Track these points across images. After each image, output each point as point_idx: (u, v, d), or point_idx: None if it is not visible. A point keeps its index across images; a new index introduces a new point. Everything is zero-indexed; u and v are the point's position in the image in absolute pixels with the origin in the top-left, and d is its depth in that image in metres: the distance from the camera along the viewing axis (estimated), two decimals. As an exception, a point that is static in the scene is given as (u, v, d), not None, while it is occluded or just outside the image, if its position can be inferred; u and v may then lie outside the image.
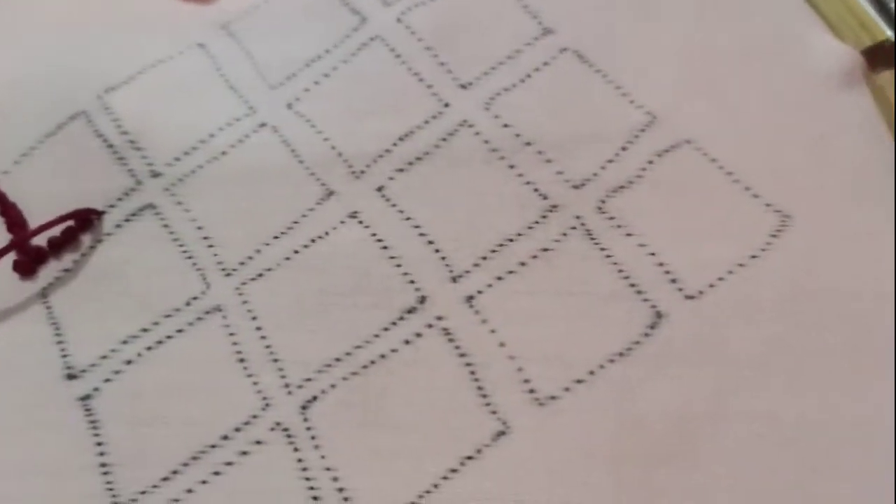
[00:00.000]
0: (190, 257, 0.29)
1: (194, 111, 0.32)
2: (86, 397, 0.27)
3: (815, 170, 0.28)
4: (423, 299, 0.27)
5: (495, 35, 0.32)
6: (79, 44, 0.34)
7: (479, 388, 0.25)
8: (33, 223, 0.30)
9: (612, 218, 0.27)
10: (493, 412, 0.25)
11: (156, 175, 0.30)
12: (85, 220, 0.30)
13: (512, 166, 0.29)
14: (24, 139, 0.32)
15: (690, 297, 0.26)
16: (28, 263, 0.29)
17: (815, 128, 0.28)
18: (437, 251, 0.28)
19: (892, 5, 0.31)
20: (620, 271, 0.27)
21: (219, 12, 0.34)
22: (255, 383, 0.26)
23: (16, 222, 0.30)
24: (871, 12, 0.30)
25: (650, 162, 0.28)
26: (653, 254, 0.27)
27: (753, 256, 0.26)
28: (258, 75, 0.32)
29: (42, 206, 0.30)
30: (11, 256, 0.29)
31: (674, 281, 0.26)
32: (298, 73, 0.32)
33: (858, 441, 0.23)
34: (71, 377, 0.27)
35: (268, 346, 0.27)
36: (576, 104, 0.30)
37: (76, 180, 0.31)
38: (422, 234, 0.28)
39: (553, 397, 0.25)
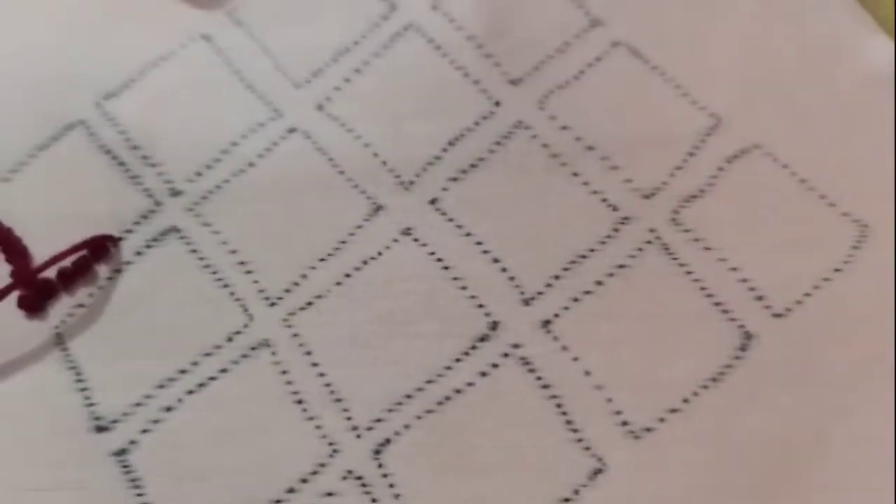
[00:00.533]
0: (225, 286, 0.26)
1: (210, 116, 0.28)
2: (121, 452, 0.24)
3: (886, 175, 0.27)
4: (495, 325, 0.25)
5: (541, 24, 0.29)
6: (67, 43, 0.30)
7: (568, 421, 0.24)
8: (32, 249, 0.26)
9: (687, 230, 0.26)
10: (587, 448, 0.23)
11: (175, 193, 0.27)
12: (100, 249, 0.26)
13: (576, 174, 0.27)
14: (12, 153, 0.28)
15: (779, 316, 0.25)
16: (35, 299, 0.26)
17: (881, 131, 0.28)
18: (503, 270, 0.26)
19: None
20: (703, 289, 0.25)
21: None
22: (317, 426, 0.24)
23: (15, 251, 0.26)
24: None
25: (720, 168, 0.27)
26: (734, 269, 0.25)
27: (837, 270, 0.25)
28: (278, 71, 0.29)
29: (40, 231, 0.27)
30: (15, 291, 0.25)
31: (760, 298, 0.25)
32: (325, 68, 0.29)
33: None
34: (100, 429, 0.24)
35: (327, 384, 0.24)
36: (635, 104, 0.28)
37: (79, 200, 0.27)
38: (485, 252, 0.26)
39: (648, 429, 0.23)
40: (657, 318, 0.25)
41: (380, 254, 0.26)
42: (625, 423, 0.24)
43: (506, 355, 0.25)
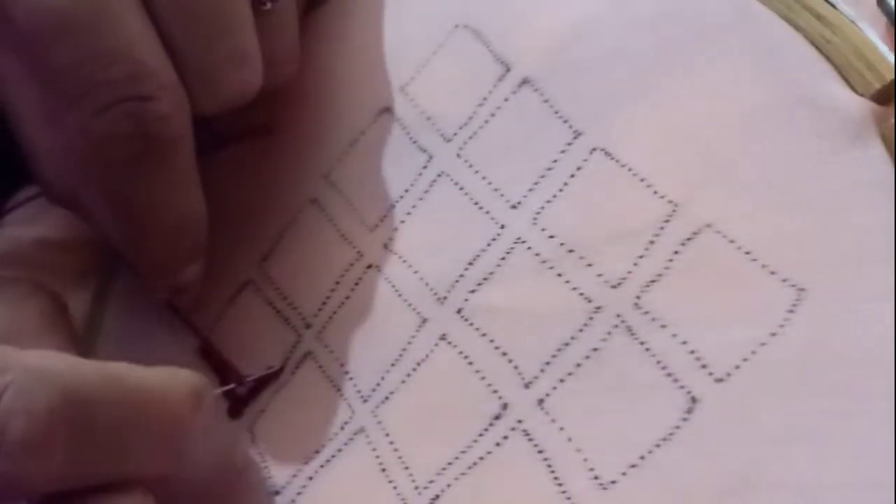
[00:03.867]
0: (338, 390, 0.38)
1: (313, 264, 0.40)
2: None
3: (825, 236, 0.30)
4: (504, 406, 0.34)
5: (535, 147, 0.36)
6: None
7: (555, 478, 0.32)
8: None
9: (646, 313, 0.32)
10: (568, 498, 0.31)
11: (308, 326, 0.39)
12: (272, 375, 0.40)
13: (559, 275, 0.34)
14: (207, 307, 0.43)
15: (720, 380, 0.30)
16: (240, 408, 0.40)
17: (826, 190, 0.30)
18: (510, 361, 0.34)
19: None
20: (658, 362, 0.31)
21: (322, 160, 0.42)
22: (394, 488, 0.35)
23: (228, 369, 0.41)
24: (880, 49, 0.31)
25: (676, 252, 0.32)
26: (684, 342, 0.31)
27: (773, 334, 0.29)
28: (359, 220, 0.40)
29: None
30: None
31: (704, 366, 0.30)
32: (389, 213, 0.39)
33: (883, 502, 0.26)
34: (276, 493, 0.37)
35: (400, 457, 0.35)
36: (607, 203, 0.34)
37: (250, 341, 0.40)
38: (496, 348, 0.34)
39: (613, 482, 0.31)
40: (622, 391, 0.32)
41: (427, 356, 0.36)
42: (596, 478, 0.31)
43: (513, 429, 0.33)
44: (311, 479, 0.37)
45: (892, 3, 0.31)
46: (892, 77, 0.30)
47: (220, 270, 0.43)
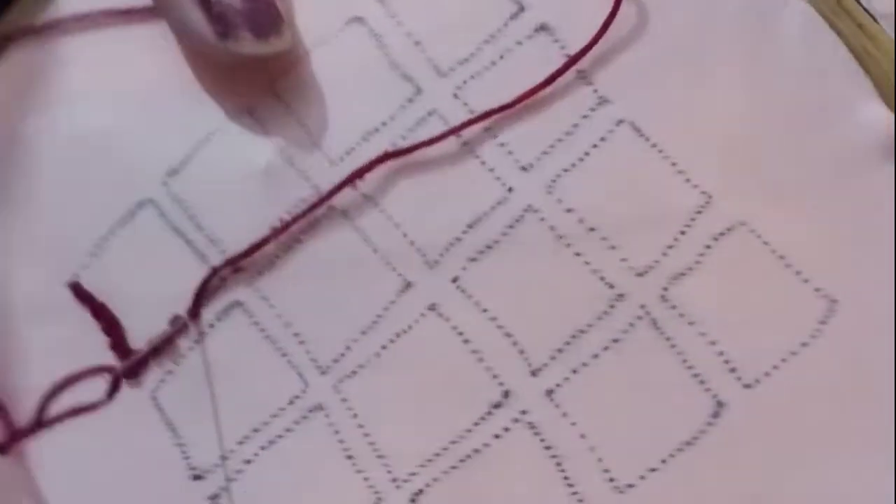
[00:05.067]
0: (284, 355, 0.31)
1: (260, 195, 0.32)
2: (214, 496, 0.30)
3: (859, 250, 0.30)
4: (507, 394, 0.30)
5: (552, 108, 0.32)
6: (133, 120, 0.34)
7: (566, 478, 0.29)
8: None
9: (674, 307, 0.30)
10: (580, 500, 0.29)
11: (238, 271, 0.32)
12: (178, 323, 0.32)
13: (578, 254, 0.31)
14: (93, 232, 0.33)
15: (748, 386, 0.29)
16: (133, 368, 0.32)
17: (860, 204, 0.30)
18: (515, 344, 0.30)
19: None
20: (684, 361, 0.30)
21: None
22: (365, 479, 0.30)
23: (112, 324, 0.32)
24: (919, 71, 0.31)
25: (707, 246, 0.30)
26: (713, 342, 0.30)
27: (804, 344, 0.29)
28: (315, 148, 0.33)
29: (123, 308, 0.32)
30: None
31: (733, 370, 0.29)
32: (357, 147, 0.33)
33: None
34: (197, 478, 0.30)
35: (372, 443, 0.30)
36: (635, 184, 0.31)
37: (155, 279, 0.32)
38: (499, 327, 0.31)
39: (630, 485, 0.29)
40: (643, 388, 0.30)
41: (410, 327, 0.31)
42: (612, 480, 0.29)
43: (516, 420, 0.30)
44: (248, 462, 0.31)
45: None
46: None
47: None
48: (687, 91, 0.32)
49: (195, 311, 0.32)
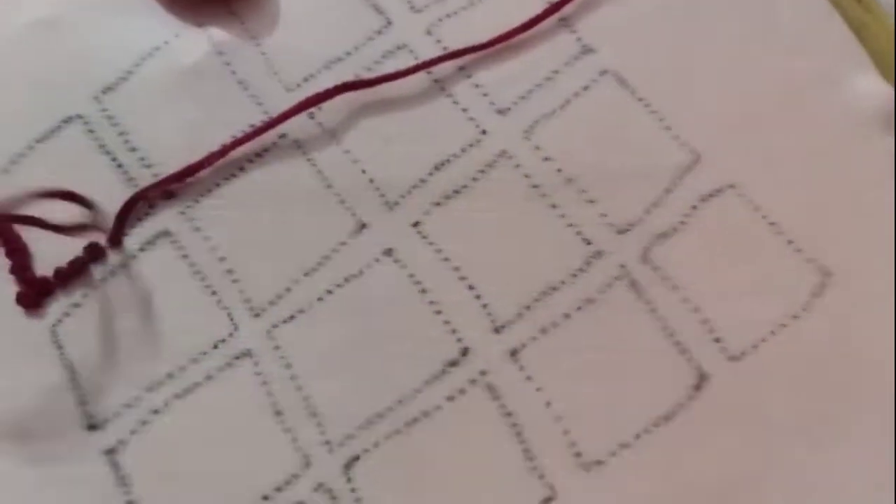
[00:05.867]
0: (214, 293, 0.27)
1: (203, 117, 0.29)
2: (111, 450, 0.26)
3: (855, 222, 0.28)
4: (465, 351, 0.26)
5: (532, 52, 0.30)
6: (66, 33, 0.30)
7: (526, 450, 0.25)
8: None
9: (656, 269, 0.27)
10: (541, 476, 0.25)
11: (168, 196, 0.28)
12: (95, 250, 0.27)
13: (554, 206, 0.28)
14: (11, 145, 0.29)
15: (734, 358, 0.26)
16: (34, 296, 0.27)
17: (856, 176, 0.28)
18: (477, 297, 0.27)
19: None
20: (665, 328, 0.27)
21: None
22: (294, 439, 0.26)
23: (15, 247, 0.28)
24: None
25: (694, 207, 0.28)
26: (696, 310, 0.27)
27: (795, 317, 0.26)
28: (271, 72, 0.30)
29: (38, 230, 0.28)
30: (13, 290, 0.27)
31: (717, 340, 0.26)
32: (317, 74, 0.30)
33: None
34: (92, 427, 0.26)
35: (305, 398, 0.26)
36: (618, 136, 0.29)
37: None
38: (462, 278, 0.27)
39: (599, 462, 0.25)
40: (619, 354, 0.26)
41: (361, 272, 0.27)
42: (578, 455, 0.25)
43: (473, 381, 0.26)
44: (156, 412, 0.26)
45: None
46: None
47: None
48: (679, 47, 0.30)
49: (115, 238, 0.28)
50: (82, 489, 0.25)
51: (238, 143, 0.28)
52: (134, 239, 0.28)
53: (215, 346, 0.26)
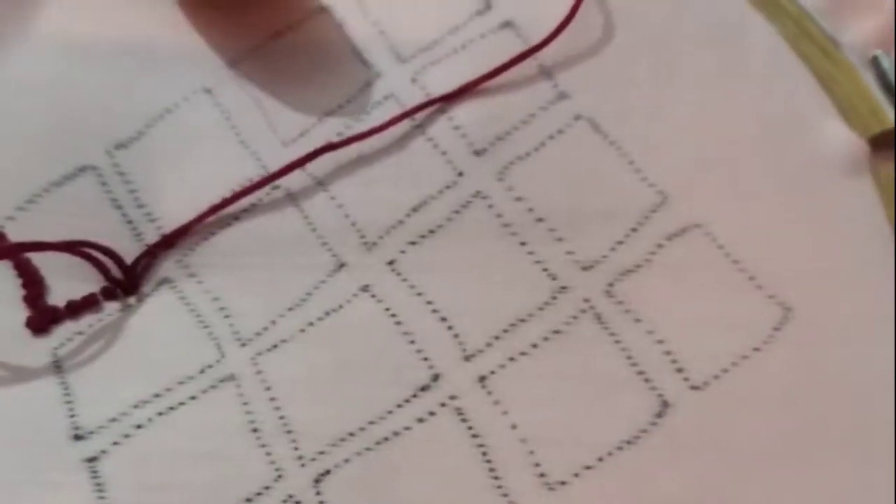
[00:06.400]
0: (206, 327, 0.29)
1: (207, 174, 0.31)
2: (92, 459, 0.27)
3: (816, 261, 0.29)
4: (436, 377, 0.28)
5: (511, 96, 0.32)
6: (85, 88, 0.33)
7: (491, 469, 0.26)
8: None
9: (620, 302, 0.28)
10: (505, 495, 0.26)
11: (169, 246, 0.30)
12: (108, 293, 0.30)
13: (523, 243, 0.29)
14: (27, 187, 0.32)
15: (696, 388, 0.27)
16: (43, 322, 0.29)
17: (819, 217, 0.29)
18: (449, 328, 0.28)
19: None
20: (629, 357, 0.27)
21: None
22: (267, 454, 0.27)
23: (31, 278, 0.30)
24: (882, 99, 0.31)
25: (659, 245, 0.29)
26: (660, 341, 0.28)
27: (756, 349, 0.27)
28: (270, 130, 0.32)
29: (47, 264, 0.30)
30: (24, 314, 0.29)
31: (680, 370, 0.27)
32: (311, 129, 0.32)
33: None
34: (77, 438, 0.27)
35: (281, 417, 0.27)
36: (589, 178, 0.30)
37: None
38: (434, 311, 0.29)
39: (562, 482, 0.26)
40: (584, 382, 0.27)
41: (340, 306, 0.29)
42: (542, 475, 0.26)
43: (443, 405, 0.27)
44: (139, 427, 0.28)
45: (886, 64, 0.32)
46: (892, 125, 0.30)
47: None
48: (650, 95, 0.32)
49: (131, 289, 0.30)
50: (60, 494, 0.27)
51: (236, 197, 0.30)
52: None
53: (202, 371, 0.28)
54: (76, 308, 0.30)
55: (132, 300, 0.30)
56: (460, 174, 0.31)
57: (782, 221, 0.29)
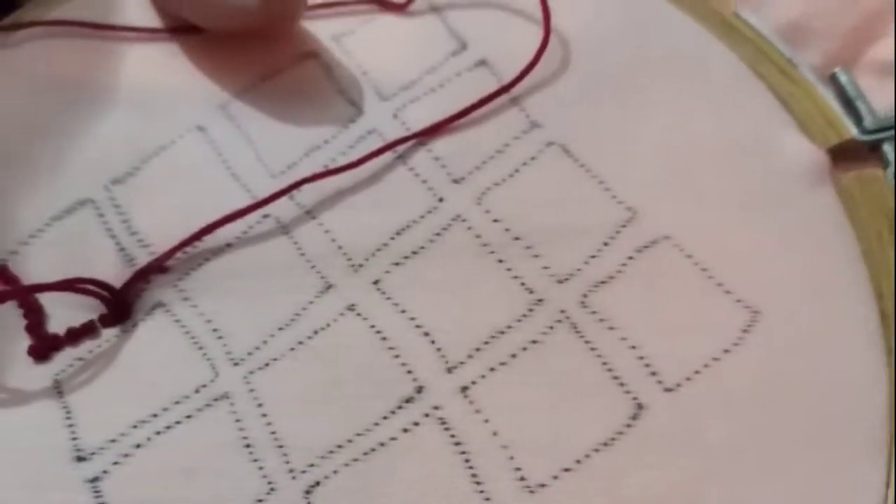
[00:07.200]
0: (200, 348, 0.30)
1: (198, 204, 0.33)
2: (95, 479, 0.28)
3: (782, 266, 0.30)
4: (420, 389, 0.29)
5: (486, 128, 0.34)
6: (85, 124, 0.35)
7: (473, 475, 0.27)
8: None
9: (594, 312, 0.29)
10: (487, 499, 0.27)
11: (164, 271, 0.32)
12: (106, 320, 0.31)
13: (501, 260, 0.31)
14: (29, 221, 0.33)
15: (669, 390, 0.28)
16: (44, 350, 0.31)
17: (784, 226, 0.31)
18: (432, 342, 0.30)
19: (859, 104, 0.33)
20: (604, 364, 0.29)
21: (219, 91, 0.36)
22: (260, 468, 0.28)
23: (32, 308, 0.32)
24: (839, 111, 0.33)
25: (630, 258, 0.30)
26: (633, 347, 0.29)
27: (726, 351, 0.28)
28: (260, 164, 0.34)
29: (47, 296, 0.32)
30: (25, 343, 0.31)
31: (653, 374, 0.28)
32: (299, 162, 0.34)
33: None
34: (80, 459, 0.29)
35: (273, 433, 0.29)
36: (562, 199, 0.32)
37: (83, 272, 0.32)
38: (418, 327, 0.30)
39: (542, 485, 0.27)
40: (561, 388, 0.28)
41: (328, 325, 0.30)
42: (522, 479, 0.27)
43: (427, 415, 0.28)
44: (138, 446, 0.29)
45: (843, 79, 0.33)
46: (850, 136, 0.32)
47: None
48: (617, 119, 0.33)
49: (121, 315, 0.32)
50: None
51: (224, 221, 0.32)
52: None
53: (197, 391, 0.30)
54: (76, 335, 0.31)
55: (128, 324, 0.31)
56: (440, 200, 0.32)
57: (748, 230, 0.31)
